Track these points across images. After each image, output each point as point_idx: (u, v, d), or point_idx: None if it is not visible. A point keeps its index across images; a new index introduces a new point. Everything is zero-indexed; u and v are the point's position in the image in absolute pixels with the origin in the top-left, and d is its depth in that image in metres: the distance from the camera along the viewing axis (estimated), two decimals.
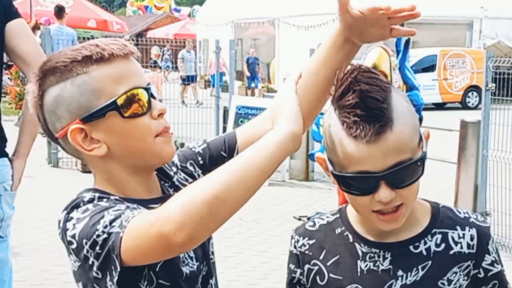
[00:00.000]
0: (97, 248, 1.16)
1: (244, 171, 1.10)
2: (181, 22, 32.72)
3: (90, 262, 1.18)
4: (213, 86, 13.45)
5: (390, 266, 1.28)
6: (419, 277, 1.28)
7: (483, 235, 1.31)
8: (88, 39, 12.07)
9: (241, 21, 23.18)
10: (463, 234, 1.30)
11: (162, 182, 1.36)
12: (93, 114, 1.23)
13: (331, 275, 1.32)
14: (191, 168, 1.42)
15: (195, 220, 1.06)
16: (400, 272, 1.28)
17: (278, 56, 21.14)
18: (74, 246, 1.20)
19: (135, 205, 1.22)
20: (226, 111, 8.61)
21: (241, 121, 7.76)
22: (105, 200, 1.23)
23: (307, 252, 1.36)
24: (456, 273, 1.28)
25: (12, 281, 2.71)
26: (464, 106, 18.11)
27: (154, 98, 1.27)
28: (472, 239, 1.29)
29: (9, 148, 2.67)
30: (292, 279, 1.38)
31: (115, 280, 1.16)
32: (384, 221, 1.25)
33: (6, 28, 2.49)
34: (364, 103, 1.18)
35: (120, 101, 1.23)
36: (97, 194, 1.24)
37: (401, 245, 1.29)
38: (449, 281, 1.28)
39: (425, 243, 1.29)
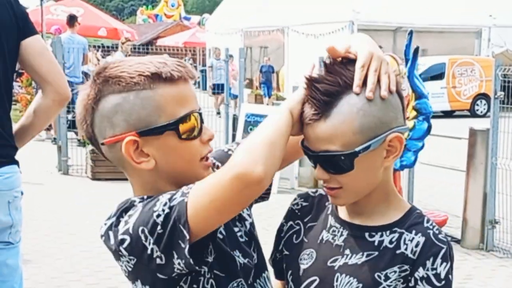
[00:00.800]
0: (158, 228, 1.18)
1: (273, 130, 1.25)
2: (190, 30, 32.82)
3: (149, 252, 1.20)
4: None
5: (343, 244, 1.37)
6: (360, 262, 1.34)
7: (430, 248, 1.31)
8: (99, 47, 12.10)
9: (250, 29, 23.25)
10: (412, 238, 1.33)
11: None
12: (152, 130, 1.26)
13: (303, 237, 1.44)
14: None
15: (265, 156, 1.19)
16: (347, 251, 1.36)
17: (287, 64, 21.18)
18: (127, 242, 1.21)
19: None
20: (235, 119, 8.64)
21: (250, 129, 7.78)
22: (153, 197, 1.26)
23: (297, 211, 1.49)
24: (395, 272, 1.32)
25: None
26: (472, 114, 18.07)
27: (203, 122, 1.33)
28: (417, 245, 1.32)
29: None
30: (280, 231, 1.50)
31: (186, 251, 1.18)
32: (327, 194, 1.38)
33: (24, 45, 2.50)
34: (310, 89, 1.29)
35: (180, 123, 1.27)
36: (145, 196, 1.27)
37: (359, 228, 1.37)
38: (386, 277, 1.32)
39: (381, 236, 1.35)
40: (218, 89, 15.27)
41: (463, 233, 5.66)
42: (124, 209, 1.26)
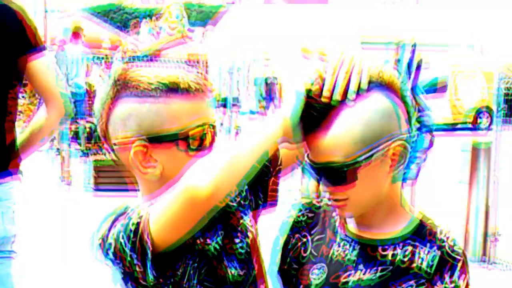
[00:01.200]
0: (132, 236, 1.21)
1: (250, 143, 1.22)
2: (194, 42, 32.88)
3: (129, 258, 1.22)
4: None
5: (355, 258, 1.35)
6: (375, 277, 1.32)
7: (447, 261, 1.30)
8: (103, 58, 12.06)
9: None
10: (428, 252, 1.32)
11: None
12: (162, 138, 1.28)
13: (312, 250, 1.43)
14: None
15: (218, 173, 1.16)
16: (361, 266, 1.34)
17: (289, 77, 21.21)
18: (112, 247, 1.25)
19: None
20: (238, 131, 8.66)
21: None
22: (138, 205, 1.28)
23: (303, 223, 1.47)
24: (412, 286, 1.31)
25: None
26: (475, 126, 18.06)
27: (216, 136, 1.33)
28: (433, 259, 1.31)
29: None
30: (287, 243, 1.48)
31: (149, 261, 1.19)
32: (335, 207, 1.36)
33: (32, 61, 2.53)
34: (309, 102, 1.26)
35: (191, 134, 1.28)
36: (140, 203, 1.29)
37: (371, 242, 1.35)
38: None
39: (395, 249, 1.33)
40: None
41: (465, 246, 5.65)
42: (119, 214, 1.28)
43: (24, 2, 2.60)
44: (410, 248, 1.32)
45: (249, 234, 1.43)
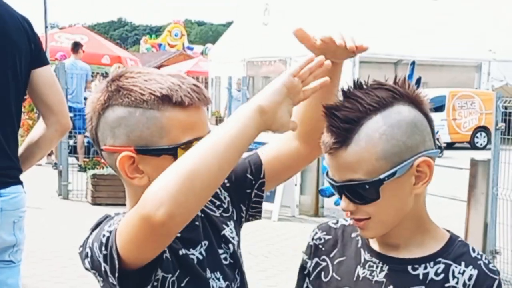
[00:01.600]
0: (103, 249, 1.18)
1: (217, 145, 1.11)
2: (194, 59, 33.03)
3: (103, 268, 1.19)
4: None
5: (384, 280, 1.29)
6: None
7: (484, 281, 1.27)
8: (102, 74, 12.18)
9: (253, 59, 23.42)
10: (464, 271, 1.27)
11: None
12: (150, 150, 1.23)
13: (334, 274, 1.36)
14: (217, 189, 1.41)
15: (172, 195, 1.07)
16: (391, 287, 1.28)
17: None
18: (89, 256, 1.22)
19: None
20: None
21: None
22: (114, 216, 1.26)
23: (320, 246, 1.40)
24: None
25: None
26: (472, 146, 18.15)
27: None
28: (470, 279, 1.26)
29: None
30: (303, 269, 1.43)
31: (116, 276, 1.16)
32: (356, 226, 1.30)
33: (35, 74, 2.55)
34: (329, 117, 1.23)
35: (180, 149, 1.22)
36: (121, 212, 1.26)
37: (401, 262, 1.29)
38: None
39: (425, 268, 1.28)
40: None
41: None
42: (99, 222, 1.27)
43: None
44: (441, 266, 1.27)
45: (230, 246, 1.39)
